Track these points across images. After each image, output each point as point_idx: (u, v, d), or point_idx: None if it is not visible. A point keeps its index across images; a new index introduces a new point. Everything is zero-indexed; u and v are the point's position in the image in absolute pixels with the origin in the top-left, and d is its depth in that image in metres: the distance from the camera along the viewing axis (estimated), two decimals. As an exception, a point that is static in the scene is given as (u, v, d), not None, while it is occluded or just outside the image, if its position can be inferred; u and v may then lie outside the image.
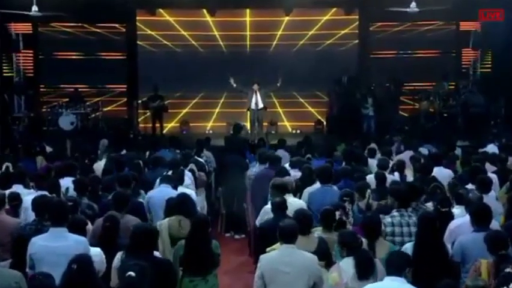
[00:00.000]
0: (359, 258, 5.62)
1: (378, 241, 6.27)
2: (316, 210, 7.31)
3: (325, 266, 6.10)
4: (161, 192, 8.40)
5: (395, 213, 7.00)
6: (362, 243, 5.96)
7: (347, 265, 5.67)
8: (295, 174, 9.58)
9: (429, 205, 7.73)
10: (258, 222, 8.05)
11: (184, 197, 7.48)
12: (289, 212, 7.03)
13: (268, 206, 7.71)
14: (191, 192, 8.61)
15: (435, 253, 6.16)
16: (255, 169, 10.85)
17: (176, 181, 8.90)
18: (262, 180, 9.71)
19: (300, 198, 8.42)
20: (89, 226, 6.92)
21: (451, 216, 7.16)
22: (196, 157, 11.77)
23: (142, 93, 20.06)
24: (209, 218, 7.06)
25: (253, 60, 20.89)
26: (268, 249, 6.28)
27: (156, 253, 6.11)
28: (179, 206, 7.23)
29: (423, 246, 6.16)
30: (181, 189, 8.59)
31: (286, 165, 10.24)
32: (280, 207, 7.21)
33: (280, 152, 12.75)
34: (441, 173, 9.78)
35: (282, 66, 20.01)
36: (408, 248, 6.26)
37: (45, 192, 7.91)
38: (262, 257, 6.03)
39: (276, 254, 5.94)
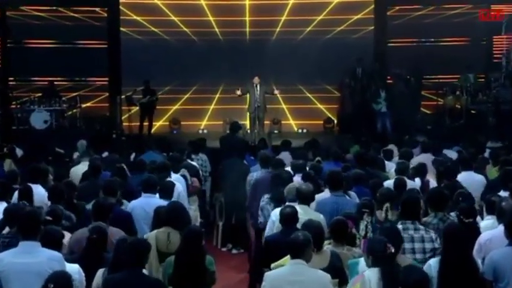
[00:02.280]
0: (386, 270, 5.58)
1: (399, 256, 6.24)
2: (326, 223, 7.26)
3: (338, 284, 6.06)
4: (145, 203, 8.37)
5: (398, 225, 6.97)
6: (392, 254, 5.87)
7: (372, 276, 5.64)
8: (299, 179, 9.56)
9: (453, 215, 7.71)
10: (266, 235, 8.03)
11: (176, 205, 7.45)
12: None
13: (275, 215, 7.69)
14: (183, 200, 8.58)
15: (464, 270, 6.13)
16: (256, 174, 10.83)
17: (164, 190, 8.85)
18: (262, 186, 9.69)
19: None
20: (66, 239, 6.89)
21: (475, 228, 7.14)
22: (188, 160, 11.74)
23: (126, 87, 20.04)
24: (203, 230, 7.02)
25: (254, 49, 20.91)
26: (273, 265, 6.26)
27: (143, 271, 6.08)
28: (169, 216, 7.20)
29: (450, 263, 6.13)
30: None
31: (289, 169, 10.22)
32: (290, 219, 7.16)
33: (284, 155, 12.74)
34: (472, 179, 9.74)
35: (286, 57, 20.10)
36: (432, 265, 6.24)
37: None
38: (267, 274, 5.99)
39: (283, 271, 5.90)
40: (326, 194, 8.67)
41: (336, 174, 8.73)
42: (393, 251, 5.76)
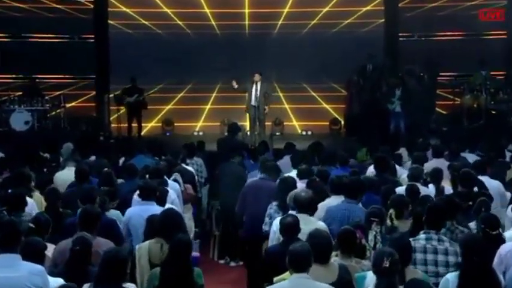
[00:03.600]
0: (383, 284, 5.62)
1: (408, 269, 6.23)
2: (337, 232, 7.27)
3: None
4: (143, 211, 8.34)
5: (421, 235, 6.96)
6: (388, 269, 5.88)
7: None
8: (303, 186, 9.56)
9: (472, 225, 7.68)
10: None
11: (171, 213, 7.44)
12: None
13: (276, 225, 7.68)
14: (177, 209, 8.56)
15: (485, 285, 6.12)
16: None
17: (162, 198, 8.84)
18: (251, 194, 9.72)
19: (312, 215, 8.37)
20: (50, 251, 6.89)
21: (501, 241, 7.12)
22: (182, 165, 11.73)
23: (115, 85, 20.04)
24: (198, 240, 7.01)
25: (254, 44, 20.93)
26: (275, 278, 6.25)
27: (131, 285, 6.06)
28: (164, 225, 7.18)
29: (470, 277, 6.12)
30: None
31: (293, 174, 10.22)
32: (291, 229, 7.16)
33: (288, 159, 12.73)
34: (488, 185, 9.71)
35: (289, 53, 20.10)
36: (450, 279, 6.22)
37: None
38: (268, 289, 5.99)
39: (285, 287, 5.91)
40: (333, 200, 8.67)
41: (355, 181, 8.74)
42: (387, 265, 5.75)
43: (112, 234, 7.54)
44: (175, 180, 10.32)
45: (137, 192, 8.85)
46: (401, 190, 9.07)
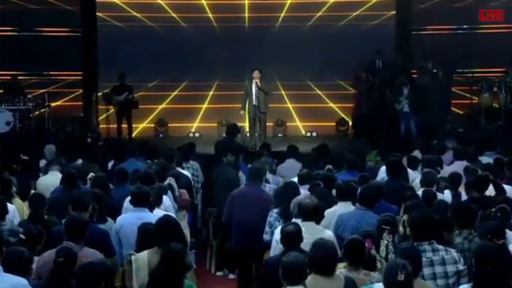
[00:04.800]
0: None
1: (416, 281, 6.25)
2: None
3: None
4: (136, 218, 8.35)
5: (426, 246, 6.97)
6: (403, 282, 5.89)
7: None
8: (307, 192, 9.57)
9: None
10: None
11: (168, 221, 7.44)
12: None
13: (278, 234, 7.69)
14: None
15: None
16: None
17: (153, 201, 8.85)
18: (240, 202, 9.77)
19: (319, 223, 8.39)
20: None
21: (507, 251, 7.14)
22: (177, 169, 11.75)
23: (104, 82, 20.07)
24: (194, 251, 7.02)
25: (254, 39, 20.93)
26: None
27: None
28: (161, 234, 7.19)
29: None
30: (157, 212, 8.56)
31: (296, 180, 10.24)
32: (292, 238, 7.17)
33: (291, 163, 12.75)
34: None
35: (292, 48, 20.09)
36: (464, 291, 6.26)
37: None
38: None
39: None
40: (341, 207, 8.69)
41: (371, 188, 8.74)
42: (402, 279, 5.77)
43: (103, 246, 7.55)
44: (169, 185, 10.34)
45: (129, 198, 8.88)
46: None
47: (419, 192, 9.28)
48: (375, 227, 7.56)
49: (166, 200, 9.45)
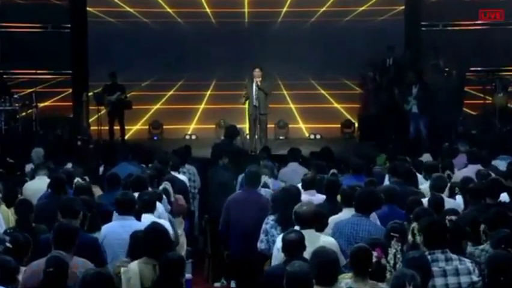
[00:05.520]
0: None
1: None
2: (346, 250, 7.30)
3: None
4: (121, 227, 8.36)
5: (439, 255, 6.97)
6: None
7: None
8: (311, 198, 9.57)
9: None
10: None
11: (157, 229, 7.44)
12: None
13: (280, 242, 7.70)
14: (165, 224, 8.58)
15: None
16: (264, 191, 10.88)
17: (142, 208, 8.85)
18: (237, 208, 9.77)
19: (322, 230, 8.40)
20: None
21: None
22: (172, 173, 11.77)
23: (95, 82, 20.07)
24: (191, 260, 7.03)
25: (254, 35, 20.95)
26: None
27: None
28: (149, 243, 7.19)
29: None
30: (150, 219, 8.55)
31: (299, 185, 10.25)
32: (294, 246, 7.19)
33: (293, 167, 12.75)
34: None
35: (295, 45, 20.10)
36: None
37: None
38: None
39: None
40: (345, 214, 8.70)
41: (366, 192, 8.74)
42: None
43: (93, 255, 7.55)
44: (164, 189, 10.35)
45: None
46: (423, 202, 9.10)
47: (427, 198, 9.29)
48: (371, 234, 7.57)
49: (160, 206, 9.45)
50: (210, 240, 12.17)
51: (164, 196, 10.10)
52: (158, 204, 9.40)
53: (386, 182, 10.85)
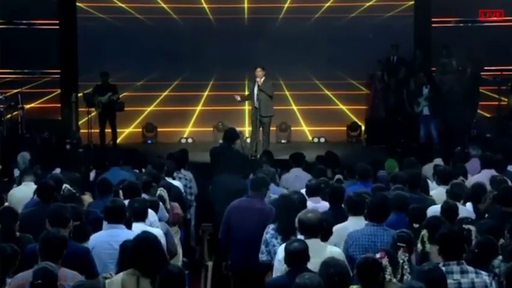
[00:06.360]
0: None
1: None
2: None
3: None
4: (109, 236, 8.38)
5: (454, 267, 6.98)
6: None
7: None
8: (316, 205, 9.57)
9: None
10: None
11: (146, 239, 7.43)
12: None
13: (282, 252, 7.71)
14: (158, 232, 8.58)
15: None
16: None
17: (132, 216, 8.85)
18: (238, 217, 9.78)
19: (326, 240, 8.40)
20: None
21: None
22: (168, 179, 11.77)
23: (85, 82, 20.08)
24: (187, 272, 7.03)
25: (254, 33, 20.95)
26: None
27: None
28: (137, 254, 7.18)
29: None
30: (141, 228, 8.56)
31: (303, 190, 10.25)
32: (297, 257, 7.20)
33: (296, 172, 12.75)
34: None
35: (297, 43, 20.11)
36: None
37: None
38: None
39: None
40: (352, 223, 8.70)
41: (378, 199, 8.73)
42: None
43: (83, 266, 7.55)
44: (160, 197, 10.35)
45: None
46: (435, 210, 9.09)
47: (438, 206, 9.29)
48: (390, 246, 7.57)
49: (152, 214, 9.43)
50: (207, 251, 12.19)
51: (161, 204, 10.11)
52: (150, 212, 9.39)
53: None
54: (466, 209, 9.59)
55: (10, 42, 20.30)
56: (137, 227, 8.62)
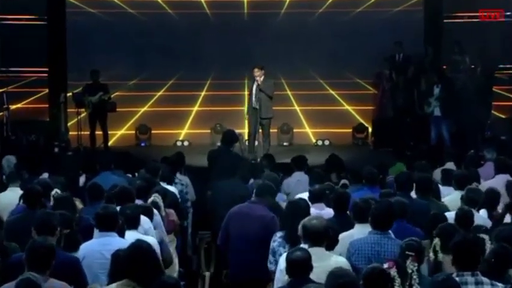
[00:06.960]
0: None
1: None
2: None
3: None
4: (101, 245, 8.37)
5: (468, 278, 6.96)
6: None
7: None
8: (320, 212, 9.57)
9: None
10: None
11: (140, 248, 7.42)
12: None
13: (284, 262, 7.71)
14: (152, 241, 8.57)
15: None
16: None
17: (125, 223, 8.85)
18: (238, 224, 9.76)
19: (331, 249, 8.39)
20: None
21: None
22: (162, 185, 11.76)
23: (74, 81, 20.08)
24: (182, 283, 7.02)
25: (254, 29, 20.98)
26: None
27: None
28: (131, 264, 7.18)
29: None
30: (133, 236, 8.55)
31: (305, 195, 10.24)
32: (299, 267, 7.19)
33: (298, 177, 12.74)
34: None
35: (300, 40, 20.13)
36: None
37: None
38: None
39: None
40: (358, 231, 8.69)
41: (380, 207, 8.70)
42: None
43: (72, 276, 7.54)
44: (154, 203, 10.33)
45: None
46: (449, 217, 9.09)
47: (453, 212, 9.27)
48: (396, 256, 7.55)
49: (146, 221, 9.42)
50: (204, 261, 12.18)
51: (155, 210, 10.10)
52: (144, 219, 9.38)
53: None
54: (482, 216, 9.58)
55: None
56: (131, 235, 8.60)
